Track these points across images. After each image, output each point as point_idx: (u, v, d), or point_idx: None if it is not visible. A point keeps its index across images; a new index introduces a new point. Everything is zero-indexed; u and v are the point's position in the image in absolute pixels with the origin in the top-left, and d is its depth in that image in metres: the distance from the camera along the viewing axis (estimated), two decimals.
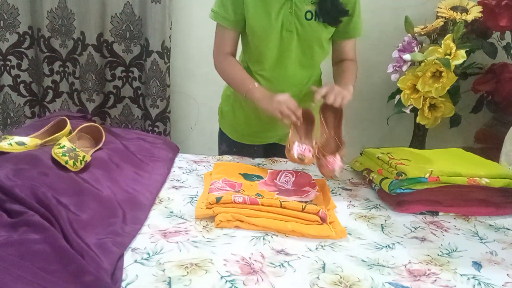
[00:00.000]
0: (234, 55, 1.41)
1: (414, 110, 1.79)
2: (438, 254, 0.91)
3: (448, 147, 1.49)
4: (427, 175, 1.12)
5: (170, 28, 1.99)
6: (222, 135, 1.60)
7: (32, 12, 2.00)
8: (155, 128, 2.11)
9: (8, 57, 2.05)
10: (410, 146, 1.91)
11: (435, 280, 0.81)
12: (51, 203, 0.85)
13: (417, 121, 1.78)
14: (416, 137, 1.93)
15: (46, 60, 2.06)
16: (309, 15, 1.30)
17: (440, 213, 1.12)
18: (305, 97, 1.40)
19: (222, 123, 1.60)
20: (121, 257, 0.80)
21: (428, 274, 0.83)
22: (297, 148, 1.23)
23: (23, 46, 2.05)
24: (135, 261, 0.81)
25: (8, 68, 2.06)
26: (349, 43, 1.44)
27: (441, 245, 0.96)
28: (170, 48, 2.02)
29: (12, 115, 2.14)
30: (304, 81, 1.42)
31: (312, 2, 1.30)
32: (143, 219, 0.97)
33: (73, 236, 0.78)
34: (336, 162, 1.22)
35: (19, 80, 2.10)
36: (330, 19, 1.31)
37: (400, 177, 1.13)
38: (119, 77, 2.09)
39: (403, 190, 1.13)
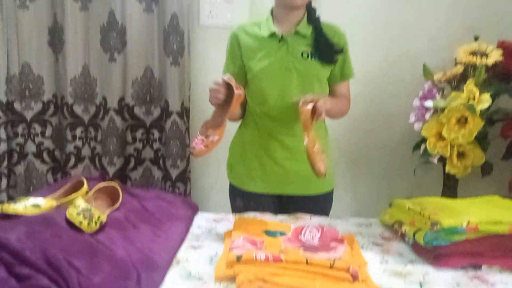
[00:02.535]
0: None
1: (442, 160, 1.71)
2: None
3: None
4: (464, 224, 1.04)
5: (189, 89, 2.02)
6: (233, 190, 1.58)
7: (57, 80, 2.07)
8: (176, 189, 2.07)
9: (32, 125, 2.09)
10: None
11: None
12: (62, 266, 0.80)
13: (446, 171, 1.70)
14: (447, 188, 1.83)
15: (69, 126, 2.09)
16: (305, 55, 1.42)
17: (483, 266, 1.02)
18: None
19: (232, 176, 1.59)
20: None
21: None
22: (195, 140, 1.27)
23: (47, 114, 2.10)
24: None
25: (32, 136, 2.10)
26: (343, 85, 1.53)
27: None
28: (189, 108, 2.04)
29: (35, 182, 2.14)
30: None
31: (306, 44, 1.42)
32: (159, 281, 0.91)
33: None
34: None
35: (42, 147, 2.13)
36: (326, 57, 1.42)
37: (434, 227, 1.05)
38: (140, 140, 2.10)
39: (440, 242, 1.04)
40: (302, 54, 1.41)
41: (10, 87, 2.00)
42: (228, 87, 1.30)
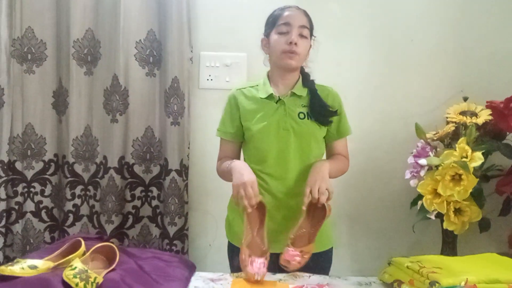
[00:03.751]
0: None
1: (440, 216, 1.72)
2: None
3: (482, 253, 1.40)
4: (462, 283, 1.04)
5: (188, 148, 2.07)
6: (232, 248, 1.57)
7: (59, 140, 2.11)
8: (173, 247, 2.06)
9: (32, 184, 2.11)
10: (441, 254, 1.79)
11: None
12: None
13: (444, 227, 1.70)
14: (446, 244, 1.82)
15: (68, 185, 2.11)
16: (301, 115, 1.47)
17: None
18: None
19: (230, 234, 1.58)
20: None
21: None
22: (254, 265, 1.28)
23: (47, 173, 2.12)
24: None
25: (31, 195, 2.11)
26: (340, 143, 1.57)
27: None
28: (188, 166, 2.07)
29: (31, 241, 2.12)
30: (306, 177, 1.45)
31: (302, 105, 1.48)
32: None
33: None
34: (294, 256, 1.29)
35: (41, 206, 2.13)
36: (321, 119, 1.48)
37: (433, 286, 1.04)
38: (139, 197, 2.11)
39: None
40: (299, 115, 1.47)
41: (12, 147, 2.04)
42: (260, 206, 1.38)
